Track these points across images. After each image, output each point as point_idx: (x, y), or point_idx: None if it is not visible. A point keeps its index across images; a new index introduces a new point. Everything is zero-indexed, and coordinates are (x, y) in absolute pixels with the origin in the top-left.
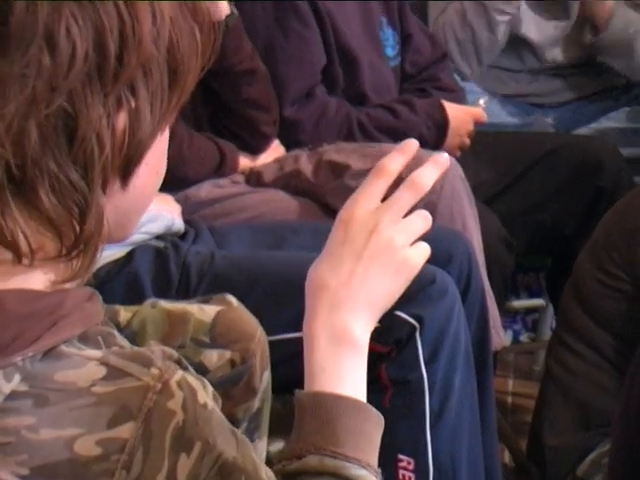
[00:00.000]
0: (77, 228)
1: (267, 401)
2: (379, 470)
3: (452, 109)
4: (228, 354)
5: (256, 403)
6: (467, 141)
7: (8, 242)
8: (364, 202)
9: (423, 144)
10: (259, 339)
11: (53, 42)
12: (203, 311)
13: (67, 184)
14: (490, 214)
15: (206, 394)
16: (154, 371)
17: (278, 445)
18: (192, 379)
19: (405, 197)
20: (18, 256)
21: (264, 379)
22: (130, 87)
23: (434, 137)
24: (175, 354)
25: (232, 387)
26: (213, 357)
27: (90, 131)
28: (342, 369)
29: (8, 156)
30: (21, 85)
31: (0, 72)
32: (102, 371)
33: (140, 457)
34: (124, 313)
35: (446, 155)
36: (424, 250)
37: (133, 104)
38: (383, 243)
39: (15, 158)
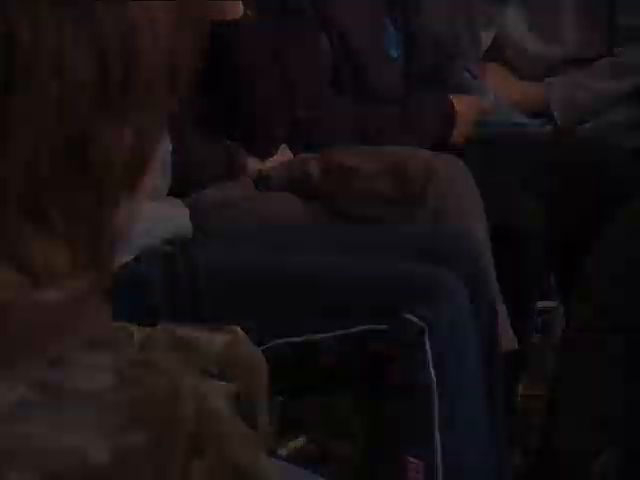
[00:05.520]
0: (92, 248)
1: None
2: None
3: (457, 101)
4: (233, 388)
5: None
6: (472, 130)
7: (25, 270)
8: None
9: (431, 137)
10: (263, 376)
11: (60, 73)
12: (213, 342)
13: (80, 209)
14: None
15: (216, 398)
16: (164, 377)
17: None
18: (202, 384)
19: None
20: (36, 281)
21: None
22: (136, 104)
23: (441, 130)
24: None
25: None
26: None
27: (100, 155)
28: None
29: (20, 189)
30: (29, 122)
31: (8, 112)
32: (112, 377)
33: (153, 464)
34: (137, 334)
35: None
36: None
37: (140, 119)
38: None
39: (27, 190)
